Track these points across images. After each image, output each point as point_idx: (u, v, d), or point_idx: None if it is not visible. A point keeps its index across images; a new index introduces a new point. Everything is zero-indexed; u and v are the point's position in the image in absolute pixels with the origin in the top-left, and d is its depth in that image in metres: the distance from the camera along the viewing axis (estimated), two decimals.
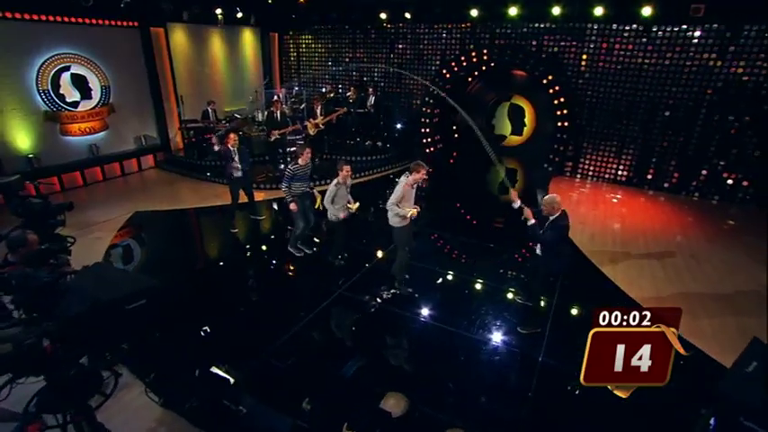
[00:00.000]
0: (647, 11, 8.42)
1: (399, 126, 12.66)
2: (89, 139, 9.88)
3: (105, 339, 2.51)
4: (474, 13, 10.27)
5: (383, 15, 11.56)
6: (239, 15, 12.12)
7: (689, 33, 8.58)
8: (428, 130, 11.73)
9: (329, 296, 5.43)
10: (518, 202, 4.58)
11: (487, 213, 8.77)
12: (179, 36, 11.47)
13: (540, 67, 9.82)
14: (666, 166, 9.47)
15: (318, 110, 10.89)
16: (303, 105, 12.71)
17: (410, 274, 5.75)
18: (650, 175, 9.67)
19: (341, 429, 3.08)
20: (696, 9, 8.05)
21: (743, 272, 6.15)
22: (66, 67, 9.17)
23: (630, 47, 9.19)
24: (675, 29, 8.66)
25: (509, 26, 10.50)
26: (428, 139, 11.86)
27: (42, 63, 8.78)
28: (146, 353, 3.55)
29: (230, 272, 6.29)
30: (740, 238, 7.35)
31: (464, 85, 11.90)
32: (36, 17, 8.57)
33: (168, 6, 10.19)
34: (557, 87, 9.70)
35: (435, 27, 11.61)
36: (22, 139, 8.80)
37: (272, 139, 10.13)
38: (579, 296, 5.53)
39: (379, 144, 11.88)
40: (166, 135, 11.52)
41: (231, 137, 7.11)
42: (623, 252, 6.72)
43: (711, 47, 8.46)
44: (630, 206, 8.83)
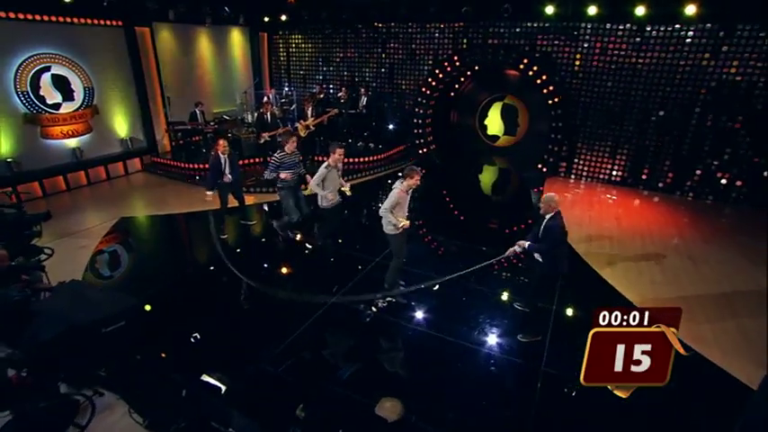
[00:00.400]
0: (640, 10, 8.35)
1: (392, 127, 12.49)
2: (72, 143, 9.56)
3: (80, 366, 2.31)
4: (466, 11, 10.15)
5: (374, 14, 11.38)
6: (227, 15, 11.86)
7: (682, 33, 8.55)
8: (421, 130, 11.60)
9: (323, 305, 5.25)
10: (525, 243, 4.44)
11: (482, 215, 8.65)
12: (165, 36, 11.18)
13: (534, 67, 9.73)
14: (661, 166, 9.43)
15: (309, 111, 10.68)
16: (294, 106, 12.52)
17: (405, 281, 5.61)
18: (645, 176, 9.64)
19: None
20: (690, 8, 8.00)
21: (740, 273, 6.10)
22: (47, 68, 8.85)
23: (624, 46, 9.14)
24: (669, 28, 8.63)
25: (502, 25, 10.39)
26: (421, 140, 11.72)
27: (20, 63, 8.44)
28: (129, 372, 3.34)
29: (219, 281, 6.07)
30: (735, 238, 7.32)
31: (457, 85, 11.79)
32: (13, 15, 8.24)
33: (153, 5, 9.91)
34: (550, 87, 9.62)
35: (428, 26, 11.46)
36: None
37: (261, 141, 9.91)
38: (579, 301, 5.42)
39: (372, 145, 11.71)
40: (153, 137, 11.22)
41: (221, 143, 6.76)
42: (621, 254, 6.64)
43: (705, 47, 8.43)
44: (626, 207, 8.78)
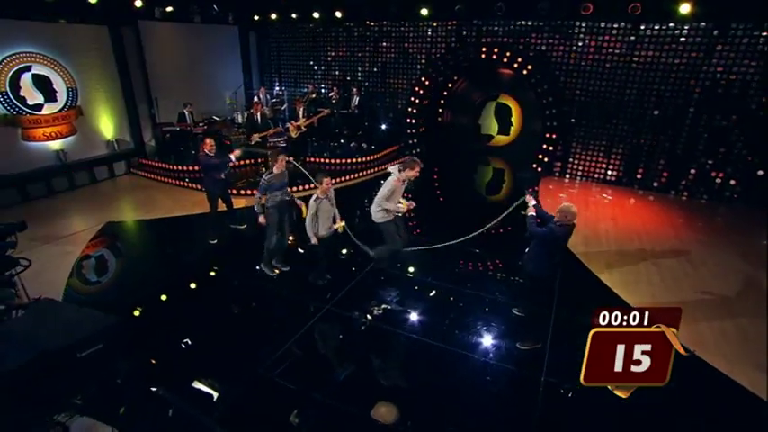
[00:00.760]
0: (636, 8, 8.29)
1: (384, 127, 12.33)
2: (55, 145, 9.27)
3: (52, 394, 2.12)
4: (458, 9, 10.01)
5: (365, 13, 11.20)
6: (216, 13, 11.60)
7: (677, 32, 8.50)
8: (414, 130, 11.47)
9: (316, 313, 5.09)
10: (532, 211, 4.33)
11: (476, 216, 8.52)
12: (152, 35, 10.88)
13: (528, 66, 9.63)
14: (655, 166, 9.39)
15: (300, 111, 10.48)
16: (284, 107, 12.30)
17: (400, 286, 5.47)
18: (639, 175, 9.59)
19: None
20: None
21: (738, 274, 6.05)
22: (27, 67, 8.56)
23: (619, 45, 9.07)
24: (663, 27, 8.57)
25: (496, 24, 10.28)
26: (414, 140, 11.59)
27: None
28: (109, 396, 3.14)
29: (209, 288, 5.88)
30: (731, 237, 7.30)
31: (450, 84, 11.67)
32: None
33: (139, 3, 9.63)
34: (545, 86, 9.54)
35: (420, 25, 11.32)
36: None
37: (252, 142, 9.69)
38: (578, 305, 5.31)
39: (364, 146, 11.55)
40: (141, 139, 10.95)
41: (207, 142, 6.68)
42: (618, 256, 6.56)
43: (699, 45, 8.39)
44: (621, 207, 8.71)
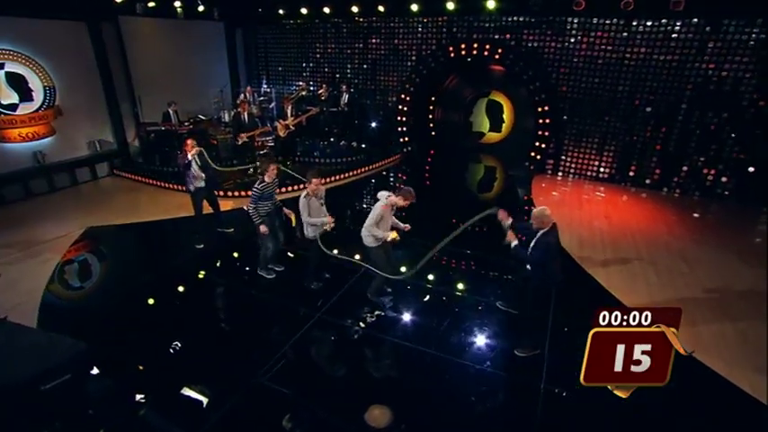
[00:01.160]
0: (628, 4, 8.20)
1: (375, 125, 12.13)
2: (32, 146, 8.92)
3: None
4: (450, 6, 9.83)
5: (355, 9, 10.96)
6: (201, 9, 11.25)
7: (669, 28, 8.43)
8: (404, 128, 11.29)
9: (307, 321, 4.91)
10: (515, 241, 4.22)
11: (469, 215, 8.39)
12: (134, 31, 10.51)
13: (520, 63, 9.52)
14: (648, 163, 9.35)
15: (289, 110, 10.24)
16: (272, 105, 12.03)
17: (394, 292, 5.32)
18: (632, 172, 9.55)
19: None
20: (677, 3, 7.86)
21: (733, 273, 6.01)
22: (0, 65, 8.19)
23: (611, 41, 8.98)
24: (656, 23, 8.50)
25: (487, 20, 10.13)
26: (405, 138, 11.42)
27: None
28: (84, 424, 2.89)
29: (195, 297, 5.66)
30: (724, 235, 7.28)
31: (441, 81, 11.51)
32: None
33: None
34: (537, 83, 9.43)
35: (410, 21, 11.12)
36: None
37: (239, 142, 9.45)
38: (576, 308, 5.20)
39: (354, 144, 11.34)
40: (124, 139, 10.61)
41: (188, 143, 6.41)
42: (614, 256, 6.48)
43: (691, 42, 8.33)
44: (615, 205, 8.65)
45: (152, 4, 10.34)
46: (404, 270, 5.42)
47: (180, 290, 5.79)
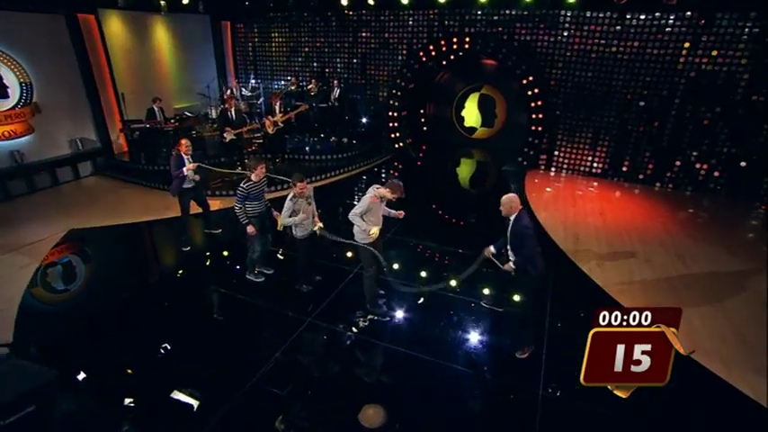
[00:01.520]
0: None
1: (365, 120, 11.93)
2: (9, 145, 8.58)
3: None
4: None
5: (344, 2, 10.71)
6: (185, 2, 10.90)
7: (662, 22, 8.34)
8: (396, 123, 11.11)
9: (298, 326, 4.76)
10: (512, 266, 4.18)
11: (462, 212, 8.29)
12: (115, 25, 10.16)
13: (513, 57, 9.37)
14: (641, 158, 9.31)
15: (278, 106, 10.00)
16: (261, 101, 11.77)
17: (387, 294, 5.18)
18: (625, 167, 9.50)
19: None
20: None
21: (729, 270, 5.98)
22: None
23: (605, 35, 8.87)
24: (649, 17, 8.40)
25: (479, 13, 9.95)
26: (396, 134, 11.24)
27: None
28: None
29: (180, 301, 5.45)
30: (717, 230, 7.27)
31: (432, 76, 11.33)
32: None
33: None
34: (530, 77, 9.30)
35: (401, 14, 10.90)
36: None
37: (227, 139, 9.19)
38: (571, 308, 5.13)
39: (345, 140, 11.14)
40: (107, 137, 10.27)
41: (183, 143, 6.20)
42: (609, 253, 6.41)
43: (685, 36, 8.26)
44: (608, 200, 8.60)
45: None
46: (395, 272, 5.28)
47: (165, 294, 5.58)
